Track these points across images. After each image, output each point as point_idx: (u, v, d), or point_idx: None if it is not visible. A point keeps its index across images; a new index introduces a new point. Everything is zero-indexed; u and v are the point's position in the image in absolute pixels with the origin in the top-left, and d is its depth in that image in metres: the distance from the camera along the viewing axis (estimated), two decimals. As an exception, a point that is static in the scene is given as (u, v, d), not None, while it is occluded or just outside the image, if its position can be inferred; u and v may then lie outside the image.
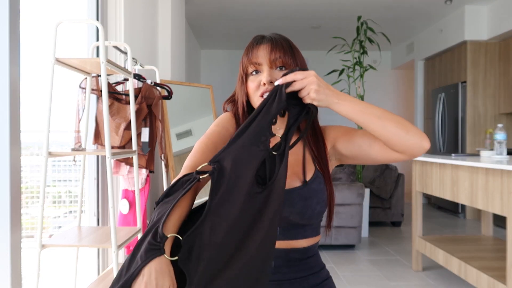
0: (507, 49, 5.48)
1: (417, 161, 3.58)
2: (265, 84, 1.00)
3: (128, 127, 2.29)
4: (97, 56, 2.37)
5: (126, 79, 2.48)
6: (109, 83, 2.18)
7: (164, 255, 0.74)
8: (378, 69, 7.29)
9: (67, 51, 2.58)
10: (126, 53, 2.34)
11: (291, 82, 0.86)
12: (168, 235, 0.75)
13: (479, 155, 3.31)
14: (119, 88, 2.52)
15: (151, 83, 2.52)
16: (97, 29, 2.40)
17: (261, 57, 1.02)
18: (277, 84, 0.87)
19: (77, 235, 1.89)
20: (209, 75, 7.89)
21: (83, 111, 2.05)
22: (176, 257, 0.75)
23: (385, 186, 5.24)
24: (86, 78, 2.07)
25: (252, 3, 5.49)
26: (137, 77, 2.48)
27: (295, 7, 5.62)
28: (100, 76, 2.12)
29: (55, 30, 1.68)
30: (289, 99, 0.86)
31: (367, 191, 4.69)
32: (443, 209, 6.38)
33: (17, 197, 1.64)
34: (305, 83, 0.86)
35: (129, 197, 2.53)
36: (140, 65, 2.67)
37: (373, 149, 1.00)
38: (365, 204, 4.60)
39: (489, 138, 4.36)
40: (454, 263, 3.00)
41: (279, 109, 0.84)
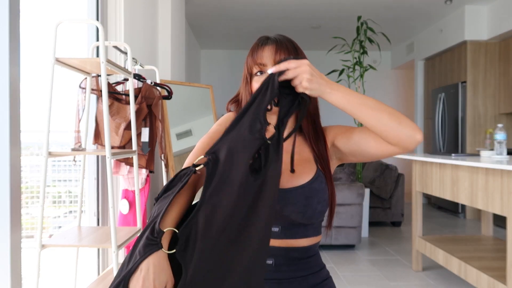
0: (507, 49, 5.48)
1: (417, 161, 3.58)
2: None
3: (128, 127, 2.29)
4: (97, 56, 2.37)
5: (126, 79, 2.48)
6: (109, 83, 2.18)
7: (161, 249, 0.75)
8: (378, 69, 7.29)
9: (67, 51, 2.58)
10: (126, 53, 2.34)
11: (284, 70, 0.86)
12: (164, 230, 0.76)
13: (479, 155, 3.31)
14: (119, 88, 2.52)
15: (151, 83, 2.52)
16: (97, 29, 2.40)
17: (266, 58, 1.03)
18: (270, 72, 0.87)
19: (77, 235, 1.89)
20: (209, 75, 7.89)
21: (83, 111, 2.05)
22: (174, 250, 0.76)
23: (385, 186, 5.24)
24: (86, 78, 2.07)
25: (252, 3, 5.49)
26: (137, 77, 2.48)
27: (295, 7, 5.62)
28: (100, 76, 2.12)
29: (55, 30, 1.68)
30: (283, 88, 0.86)
31: (367, 191, 4.69)
32: (443, 209, 6.38)
33: (17, 197, 1.64)
34: (298, 72, 0.86)
35: (129, 197, 2.52)
36: (140, 65, 2.67)
37: (369, 143, 1.00)
38: (365, 204, 4.60)
39: (489, 138, 4.36)
40: (454, 263, 3.00)
41: (272, 97, 0.84)
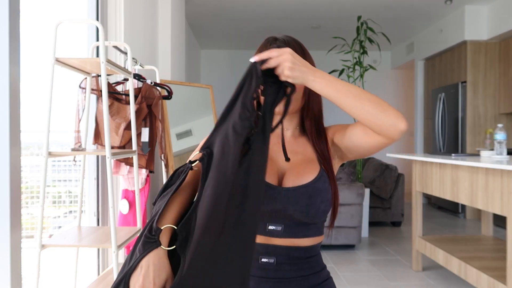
0: (507, 49, 5.48)
1: (417, 161, 3.58)
2: None
3: (128, 127, 2.29)
4: (97, 56, 2.37)
5: (126, 79, 2.48)
6: (109, 83, 2.18)
7: (160, 246, 0.77)
8: (378, 69, 7.29)
9: (67, 51, 2.58)
10: (126, 53, 2.34)
11: (266, 59, 0.85)
12: (162, 227, 0.78)
13: (479, 155, 3.31)
14: (119, 88, 2.52)
15: (151, 83, 2.52)
16: (97, 29, 2.40)
17: None
18: (252, 61, 0.86)
19: (77, 235, 1.89)
20: (209, 75, 7.89)
21: (83, 111, 2.05)
22: (173, 246, 0.77)
23: (385, 186, 5.24)
24: (86, 78, 2.07)
25: (252, 3, 5.49)
26: (137, 77, 2.48)
27: (295, 7, 5.62)
28: (100, 76, 2.12)
29: (55, 30, 1.68)
30: (268, 76, 0.86)
31: (367, 191, 4.69)
32: (443, 209, 6.38)
33: (17, 197, 1.64)
34: (280, 60, 0.85)
35: (129, 197, 2.53)
36: (140, 65, 2.67)
37: (359, 136, 1.00)
38: (365, 204, 4.60)
39: (489, 138, 4.36)
40: (454, 263, 3.00)
41: (257, 86, 0.84)
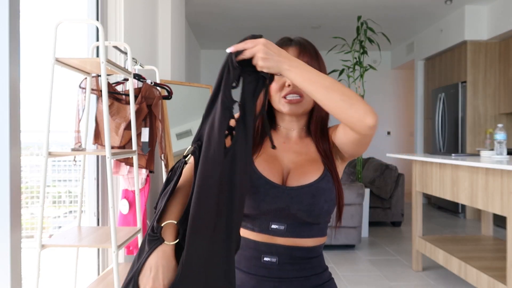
0: (507, 49, 5.48)
1: (417, 161, 3.58)
2: (289, 85, 1.03)
3: (128, 127, 2.29)
4: (97, 56, 2.37)
5: (126, 79, 2.48)
6: (109, 83, 2.18)
7: (164, 242, 0.79)
8: (378, 69, 7.29)
9: (67, 51, 2.58)
10: (126, 53, 2.34)
11: (242, 50, 0.87)
12: (162, 224, 0.80)
13: (479, 155, 3.31)
14: (119, 88, 2.52)
15: (151, 83, 2.51)
16: (97, 29, 2.40)
17: None
18: (228, 51, 0.87)
19: (77, 235, 1.89)
20: (209, 75, 7.89)
21: (83, 111, 2.05)
22: (176, 240, 0.80)
23: (385, 186, 5.24)
24: (86, 78, 2.07)
25: (252, 3, 5.49)
26: (137, 77, 2.48)
27: (295, 7, 5.62)
28: (100, 76, 2.11)
29: (55, 30, 1.68)
30: (247, 66, 0.87)
31: (367, 191, 4.69)
32: (443, 209, 6.38)
33: (17, 197, 1.64)
34: (254, 51, 0.86)
35: (129, 197, 2.52)
36: (140, 65, 2.67)
37: (342, 133, 1.02)
38: (365, 204, 4.60)
39: (489, 138, 4.36)
40: (454, 263, 3.00)
41: (234, 76, 0.86)
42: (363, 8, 5.55)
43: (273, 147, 1.00)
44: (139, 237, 2.06)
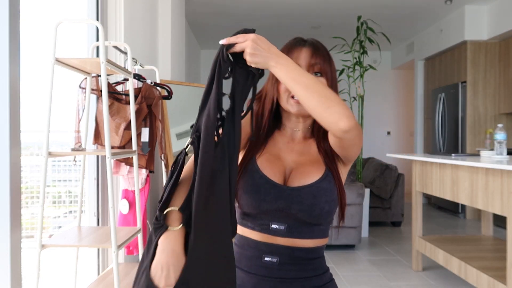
0: (507, 49, 5.48)
1: (417, 161, 3.58)
2: None
3: (128, 127, 2.29)
4: (97, 56, 2.37)
5: (126, 79, 2.48)
6: (109, 83, 2.18)
7: (168, 228, 0.81)
8: (378, 69, 7.29)
9: (67, 51, 2.57)
10: (126, 53, 2.34)
11: (234, 43, 0.89)
12: (164, 212, 0.82)
13: (479, 155, 3.31)
14: (119, 88, 2.52)
15: (151, 83, 2.51)
16: (97, 29, 2.40)
17: (302, 59, 1.05)
18: (220, 43, 0.89)
19: (77, 235, 1.89)
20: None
21: (83, 111, 2.05)
22: (180, 225, 0.82)
23: (385, 186, 5.24)
24: (86, 78, 2.07)
25: (252, 3, 5.49)
26: (137, 77, 2.48)
27: (295, 7, 5.62)
28: (100, 76, 2.11)
29: (55, 30, 1.68)
30: (240, 59, 0.90)
31: (367, 191, 4.69)
32: (443, 209, 6.38)
33: (17, 197, 1.64)
34: (243, 46, 0.88)
35: (129, 197, 2.52)
36: (140, 65, 2.67)
37: (329, 135, 1.03)
38: (365, 204, 4.60)
39: (489, 138, 4.35)
40: (454, 263, 3.00)
41: (225, 68, 0.88)
42: (363, 8, 5.55)
43: (253, 138, 1.01)
44: (139, 237, 2.06)
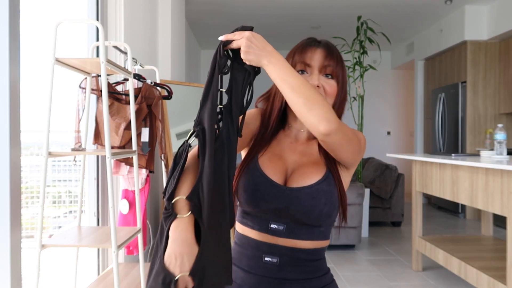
0: (507, 49, 5.48)
1: (417, 161, 3.58)
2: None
3: (128, 127, 2.29)
4: (97, 56, 2.37)
5: (126, 79, 2.48)
6: (109, 83, 2.18)
7: (177, 216, 0.83)
8: (378, 69, 7.29)
9: (67, 51, 2.57)
10: (126, 53, 2.34)
11: (231, 40, 0.90)
12: (173, 201, 0.84)
13: (479, 155, 3.31)
14: (119, 88, 2.52)
15: (151, 83, 2.51)
16: (97, 29, 2.40)
17: (315, 60, 1.05)
18: (219, 39, 0.91)
19: (77, 235, 1.89)
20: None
21: (83, 111, 2.05)
22: (188, 213, 0.83)
23: (385, 186, 5.24)
24: (86, 78, 2.07)
25: (252, 3, 5.49)
26: (137, 77, 2.48)
27: (295, 6, 5.62)
28: (100, 76, 2.11)
29: (55, 30, 1.68)
30: (238, 55, 0.92)
31: (367, 191, 4.69)
32: (443, 209, 6.38)
33: (17, 197, 1.64)
34: (239, 44, 0.89)
35: (129, 197, 2.52)
36: (140, 65, 2.67)
37: None
38: (365, 204, 4.60)
39: (489, 138, 4.36)
40: (454, 263, 3.00)
41: (223, 63, 0.90)
42: (363, 8, 5.55)
43: (239, 135, 1.02)
44: (139, 237, 2.06)
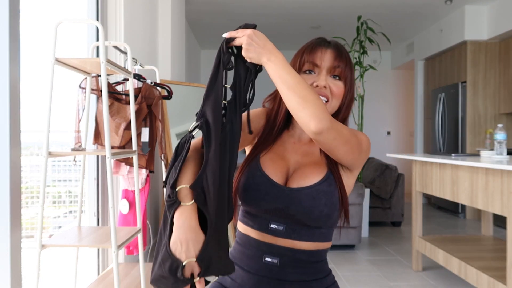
0: (507, 49, 5.48)
1: (417, 161, 3.58)
2: (317, 86, 1.04)
3: (128, 127, 2.29)
4: (97, 56, 2.37)
5: (126, 79, 2.48)
6: (109, 83, 2.18)
7: (181, 204, 0.83)
8: (378, 69, 7.29)
9: (67, 51, 2.58)
10: (126, 53, 2.34)
11: (234, 38, 0.91)
12: (176, 189, 0.84)
13: (479, 155, 3.31)
14: (119, 88, 2.52)
15: (151, 83, 2.51)
16: (97, 29, 2.40)
17: (325, 60, 1.05)
18: (223, 36, 0.92)
19: (77, 235, 1.89)
20: (209, 75, 7.89)
21: (83, 111, 2.05)
22: (192, 201, 0.84)
23: (385, 186, 5.24)
24: (86, 78, 2.07)
25: (252, 3, 5.49)
26: (137, 77, 2.48)
27: (295, 6, 5.62)
28: (100, 76, 2.12)
29: (55, 30, 1.68)
30: (241, 52, 0.93)
31: (367, 191, 4.69)
32: (443, 209, 6.38)
33: (17, 197, 1.64)
34: (241, 41, 0.90)
35: (129, 197, 2.53)
36: (140, 65, 2.67)
37: None
38: (365, 204, 4.60)
39: (489, 138, 4.35)
40: (454, 263, 3.00)
41: (226, 59, 0.92)
42: (363, 8, 5.55)
43: (250, 132, 1.02)
44: (139, 237, 2.06)
